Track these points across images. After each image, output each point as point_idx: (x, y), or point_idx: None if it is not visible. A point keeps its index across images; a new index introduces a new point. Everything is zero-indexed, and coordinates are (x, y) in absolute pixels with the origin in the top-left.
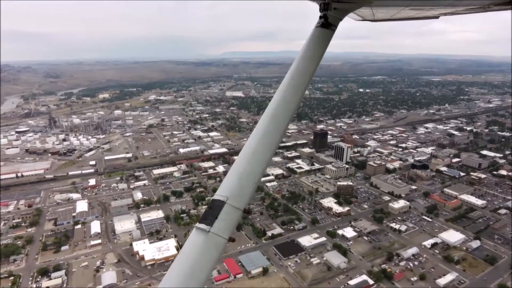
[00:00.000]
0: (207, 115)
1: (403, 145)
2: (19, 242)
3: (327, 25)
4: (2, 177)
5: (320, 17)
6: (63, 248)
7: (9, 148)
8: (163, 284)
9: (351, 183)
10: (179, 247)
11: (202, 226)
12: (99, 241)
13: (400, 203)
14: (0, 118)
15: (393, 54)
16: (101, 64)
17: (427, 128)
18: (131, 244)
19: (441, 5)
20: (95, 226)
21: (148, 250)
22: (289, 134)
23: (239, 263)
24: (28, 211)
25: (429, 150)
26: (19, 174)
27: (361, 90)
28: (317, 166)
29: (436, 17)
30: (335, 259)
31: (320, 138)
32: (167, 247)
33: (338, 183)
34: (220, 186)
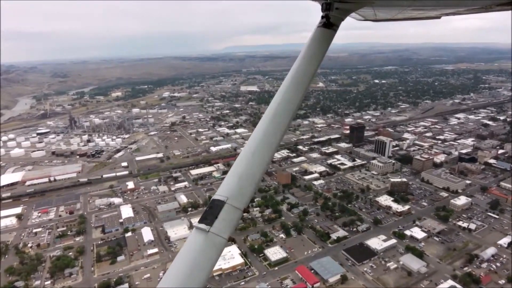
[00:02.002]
0: (228, 111)
1: (441, 137)
2: (70, 253)
3: (329, 25)
4: (35, 182)
5: (322, 17)
6: (119, 258)
7: (34, 151)
8: (162, 284)
9: (405, 180)
10: (243, 255)
11: (202, 226)
12: (155, 249)
13: (462, 200)
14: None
15: (398, 43)
16: (107, 62)
17: (459, 118)
18: None
19: (442, 6)
20: (147, 233)
21: None
22: (319, 129)
23: (312, 271)
24: (70, 218)
25: (469, 141)
26: (52, 178)
27: (376, 81)
28: (359, 161)
29: (438, 17)
30: (413, 263)
31: (357, 132)
32: (231, 255)
33: (391, 179)
34: (220, 186)
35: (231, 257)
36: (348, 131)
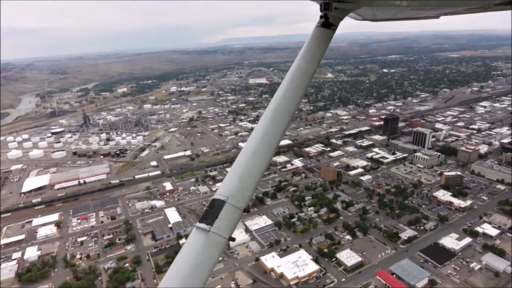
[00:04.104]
0: (243, 105)
1: (474, 126)
2: (126, 264)
3: (328, 25)
4: (64, 185)
5: (321, 17)
6: None
7: (54, 151)
8: (163, 284)
9: (459, 173)
10: (315, 260)
11: (202, 225)
12: None
13: None
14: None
15: (396, 32)
16: (104, 57)
17: (484, 107)
18: (256, 259)
19: (441, 5)
20: None
21: (283, 266)
22: (345, 121)
23: (394, 275)
24: (114, 225)
25: (505, 130)
26: (81, 181)
27: (385, 70)
28: (399, 154)
29: (437, 16)
30: (497, 262)
31: (391, 123)
32: (303, 261)
33: (445, 173)
34: (220, 185)
35: (304, 263)
36: (377, 123)
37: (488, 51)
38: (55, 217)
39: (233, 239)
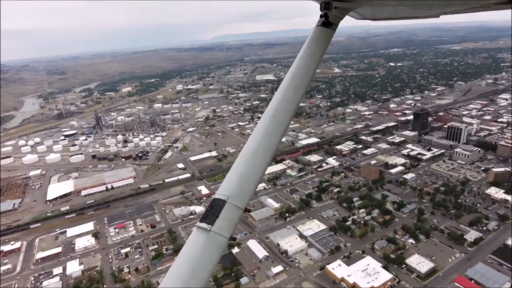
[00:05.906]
0: (258, 102)
1: (503, 119)
2: None
3: (328, 24)
4: (91, 191)
5: (321, 16)
6: (242, 281)
7: (72, 155)
8: (164, 284)
9: (508, 169)
10: (385, 267)
11: (203, 225)
12: (279, 267)
13: None
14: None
15: (391, 25)
16: (99, 57)
17: (506, 99)
18: (321, 268)
19: (441, 5)
20: (257, 247)
21: (353, 275)
22: (368, 117)
23: (472, 281)
24: (156, 233)
25: None
26: (109, 186)
27: (392, 64)
28: (436, 151)
29: (437, 16)
30: None
31: (422, 119)
32: (374, 269)
33: (494, 169)
34: (220, 185)
35: (375, 271)
36: (401, 118)
37: (489, 42)
38: (90, 226)
39: (234, 239)
